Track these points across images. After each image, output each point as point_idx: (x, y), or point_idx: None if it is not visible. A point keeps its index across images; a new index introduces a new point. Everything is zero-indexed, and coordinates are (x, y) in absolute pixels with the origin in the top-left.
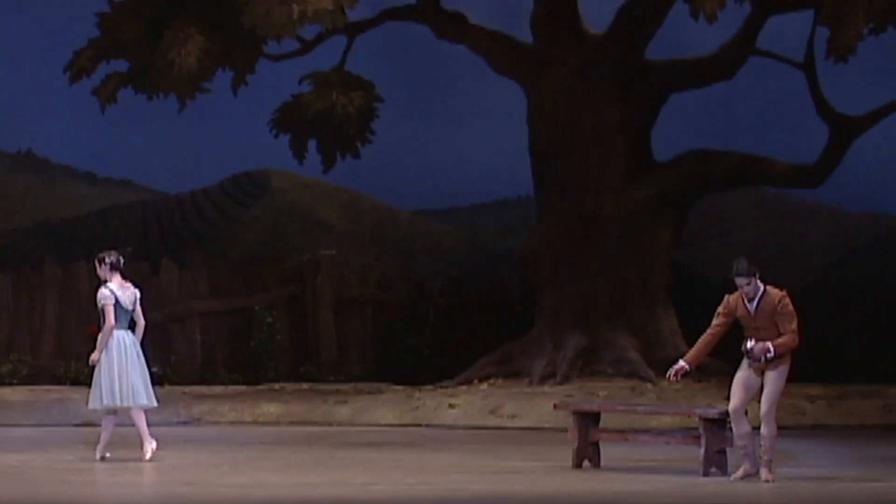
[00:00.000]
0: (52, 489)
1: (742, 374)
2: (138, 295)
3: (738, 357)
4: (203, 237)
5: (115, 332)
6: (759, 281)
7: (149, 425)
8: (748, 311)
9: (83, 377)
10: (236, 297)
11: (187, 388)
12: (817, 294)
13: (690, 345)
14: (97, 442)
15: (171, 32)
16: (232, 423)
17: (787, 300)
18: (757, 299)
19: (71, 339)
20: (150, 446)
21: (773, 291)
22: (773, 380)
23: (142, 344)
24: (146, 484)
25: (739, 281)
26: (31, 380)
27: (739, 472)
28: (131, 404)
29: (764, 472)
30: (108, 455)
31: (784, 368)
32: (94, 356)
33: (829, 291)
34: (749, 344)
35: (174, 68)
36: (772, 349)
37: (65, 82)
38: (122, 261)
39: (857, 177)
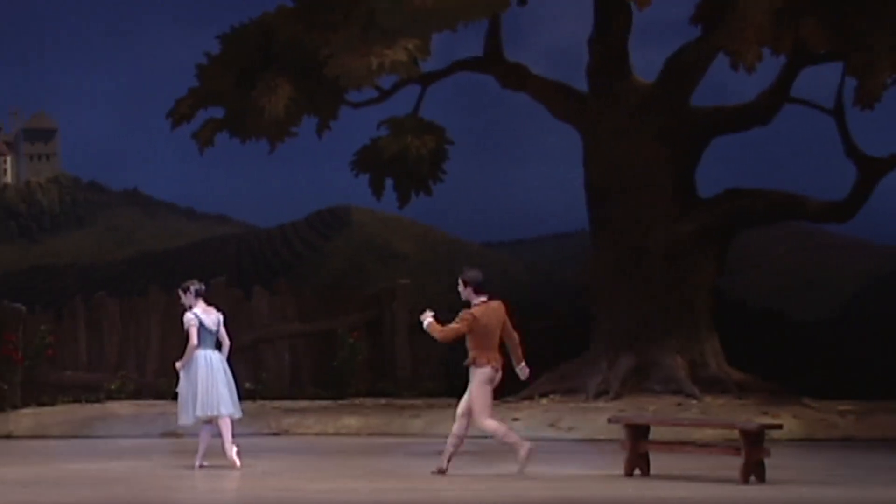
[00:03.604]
0: (155, 494)
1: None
2: (221, 318)
3: (775, 375)
4: (291, 266)
5: (202, 352)
6: (471, 290)
7: (234, 436)
8: None
9: None
10: (321, 320)
11: (277, 403)
12: (846, 319)
13: (732, 364)
14: (196, 452)
15: (262, 82)
16: (317, 434)
17: (468, 310)
18: (471, 304)
19: (172, 359)
20: (233, 453)
21: (481, 307)
22: (470, 387)
23: (229, 361)
24: (239, 489)
25: None
26: (137, 395)
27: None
28: (219, 413)
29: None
30: (205, 464)
31: (478, 377)
32: (178, 364)
33: (857, 316)
34: None
35: (265, 114)
36: (427, 319)
37: (167, 128)
38: (204, 288)
39: (883, 213)
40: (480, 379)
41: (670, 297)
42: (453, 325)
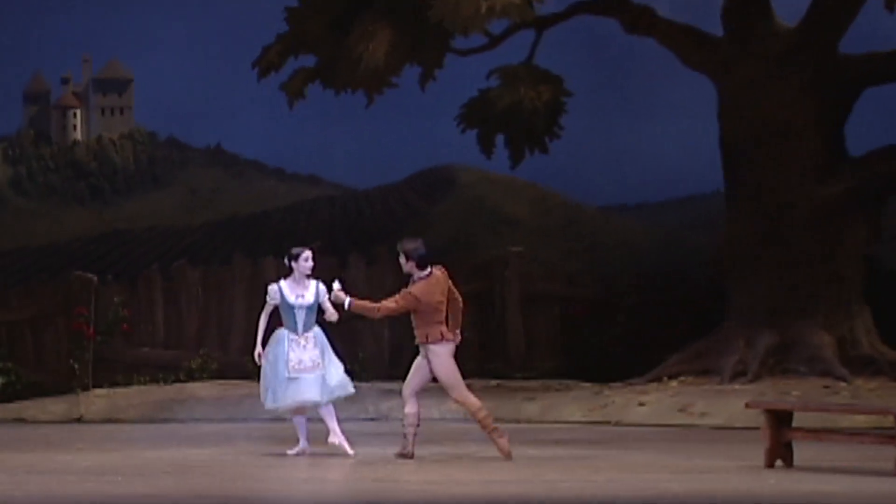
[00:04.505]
0: (241, 484)
1: (417, 358)
2: None
3: None
4: (390, 232)
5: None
6: (413, 264)
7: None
8: None
9: None
10: None
11: (375, 385)
12: None
13: (886, 342)
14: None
15: (358, 27)
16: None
17: (408, 291)
18: (412, 280)
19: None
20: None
21: (424, 283)
22: (433, 367)
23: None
24: (335, 480)
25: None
26: (220, 375)
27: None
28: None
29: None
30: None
31: (439, 355)
32: (330, 313)
33: None
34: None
35: (362, 63)
36: (346, 301)
37: (253, 78)
38: None
39: None
40: (442, 356)
41: (816, 267)
42: (389, 304)
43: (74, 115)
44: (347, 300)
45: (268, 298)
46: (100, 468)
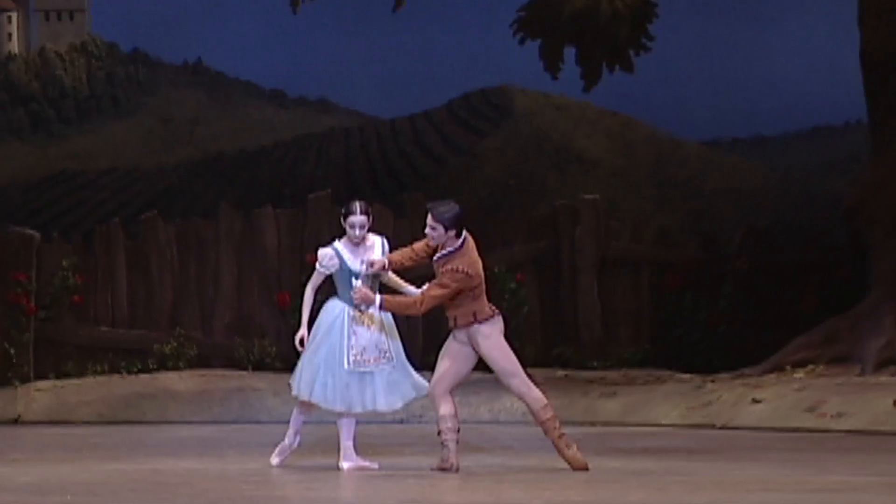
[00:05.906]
0: None
1: (446, 343)
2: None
3: None
4: (425, 175)
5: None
6: (452, 234)
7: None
8: (434, 259)
9: (269, 360)
10: None
11: None
12: None
13: None
14: (277, 444)
15: None
16: (463, 421)
17: (457, 268)
18: (444, 253)
19: (253, 311)
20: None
21: (466, 253)
22: (483, 351)
23: None
24: (352, 500)
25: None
26: (202, 363)
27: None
28: None
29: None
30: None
31: (492, 335)
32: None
33: None
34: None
35: None
36: (376, 301)
37: None
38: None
39: None
40: (494, 336)
41: None
42: (434, 292)
43: (9, 19)
44: (378, 300)
45: (318, 266)
46: (43, 485)
